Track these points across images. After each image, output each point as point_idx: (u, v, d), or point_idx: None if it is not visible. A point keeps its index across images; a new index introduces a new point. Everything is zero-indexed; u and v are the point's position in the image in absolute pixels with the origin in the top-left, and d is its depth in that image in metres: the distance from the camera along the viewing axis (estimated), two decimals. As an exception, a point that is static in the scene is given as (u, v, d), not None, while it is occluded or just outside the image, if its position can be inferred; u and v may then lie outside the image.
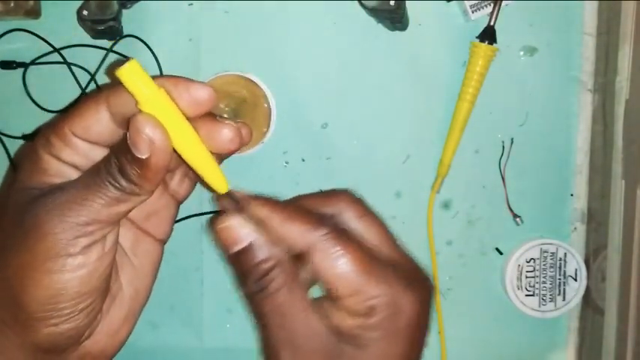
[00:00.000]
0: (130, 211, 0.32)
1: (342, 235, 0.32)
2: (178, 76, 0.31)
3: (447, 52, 0.51)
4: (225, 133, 0.32)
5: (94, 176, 0.31)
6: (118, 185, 0.30)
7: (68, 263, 0.30)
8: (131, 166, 0.30)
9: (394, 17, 0.47)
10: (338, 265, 0.31)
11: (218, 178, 0.32)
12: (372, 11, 0.47)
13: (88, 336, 0.33)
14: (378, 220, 0.36)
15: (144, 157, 0.29)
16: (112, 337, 0.35)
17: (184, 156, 0.31)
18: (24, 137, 0.50)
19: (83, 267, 0.31)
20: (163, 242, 0.38)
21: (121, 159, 0.30)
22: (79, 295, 0.31)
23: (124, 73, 0.29)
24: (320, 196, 0.35)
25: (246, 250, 0.32)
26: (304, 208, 0.33)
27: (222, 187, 0.32)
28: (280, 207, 0.32)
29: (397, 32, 0.50)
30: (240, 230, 0.32)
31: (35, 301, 0.31)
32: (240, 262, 0.32)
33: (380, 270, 0.32)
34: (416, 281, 0.33)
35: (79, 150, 0.32)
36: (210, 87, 0.32)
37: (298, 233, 0.32)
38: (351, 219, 0.34)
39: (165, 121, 0.30)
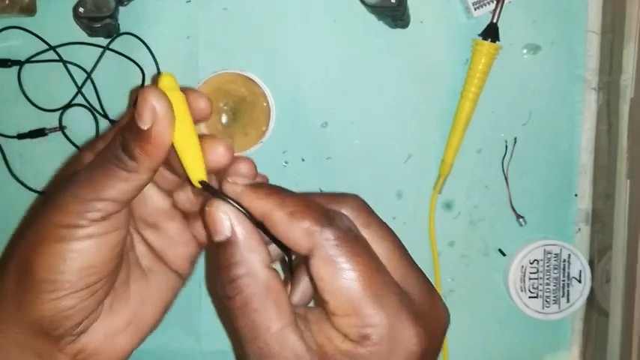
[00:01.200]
0: (135, 191, 0.32)
1: (353, 242, 0.29)
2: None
3: (449, 50, 0.50)
4: (221, 150, 0.32)
5: (101, 157, 0.31)
6: (120, 164, 0.30)
7: (77, 233, 0.31)
8: (134, 141, 0.30)
9: (395, 15, 0.47)
10: (340, 277, 0.28)
11: (200, 167, 0.32)
12: (373, 9, 0.47)
13: (85, 328, 0.33)
14: (390, 233, 0.32)
15: (146, 127, 0.29)
16: (109, 341, 0.34)
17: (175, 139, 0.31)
18: (19, 136, 0.50)
19: (91, 238, 0.31)
20: (182, 277, 0.38)
21: (125, 134, 0.30)
22: (84, 267, 0.31)
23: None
24: (325, 197, 0.33)
25: (224, 245, 0.30)
26: (314, 203, 0.30)
27: (200, 176, 0.31)
28: (286, 200, 0.30)
29: (398, 30, 0.50)
30: (222, 221, 0.30)
31: (43, 267, 0.31)
32: (217, 255, 0.31)
33: (386, 293, 0.29)
34: (427, 314, 0.30)
35: None
36: (207, 97, 0.32)
37: (302, 233, 0.29)
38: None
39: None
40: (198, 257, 0.38)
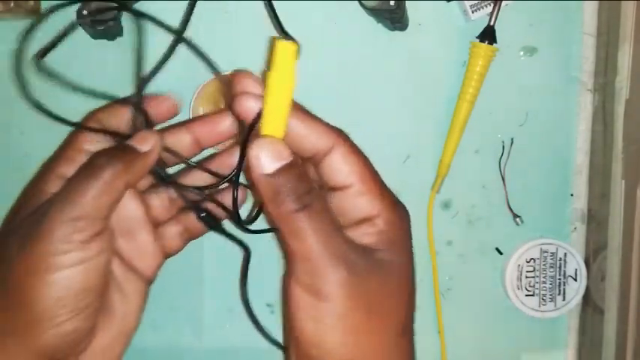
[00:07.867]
0: (113, 203, 0.33)
1: (355, 145, 0.36)
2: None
3: (446, 52, 0.51)
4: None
5: (83, 171, 0.34)
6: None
7: (68, 259, 0.31)
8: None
9: (394, 17, 0.47)
10: (362, 164, 0.34)
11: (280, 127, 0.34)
12: (372, 11, 0.47)
13: (86, 347, 0.34)
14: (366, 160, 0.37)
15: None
16: (106, 354, 0.36)
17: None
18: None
19: (82, 262, 0.32)
20: (149, 283, 0.40)
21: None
22: (79, 291, 0.32)
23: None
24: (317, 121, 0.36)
25: (291, 166, 0.32)
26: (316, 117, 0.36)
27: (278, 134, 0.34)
28: (297, 110, 0.35)
29: (397, 32, 0.50)
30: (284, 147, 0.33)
31: (41, 299, 0.31)
32: (283, 178, 0.32)
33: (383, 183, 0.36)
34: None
35: None
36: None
37: (324, 134, 0.34)
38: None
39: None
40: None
